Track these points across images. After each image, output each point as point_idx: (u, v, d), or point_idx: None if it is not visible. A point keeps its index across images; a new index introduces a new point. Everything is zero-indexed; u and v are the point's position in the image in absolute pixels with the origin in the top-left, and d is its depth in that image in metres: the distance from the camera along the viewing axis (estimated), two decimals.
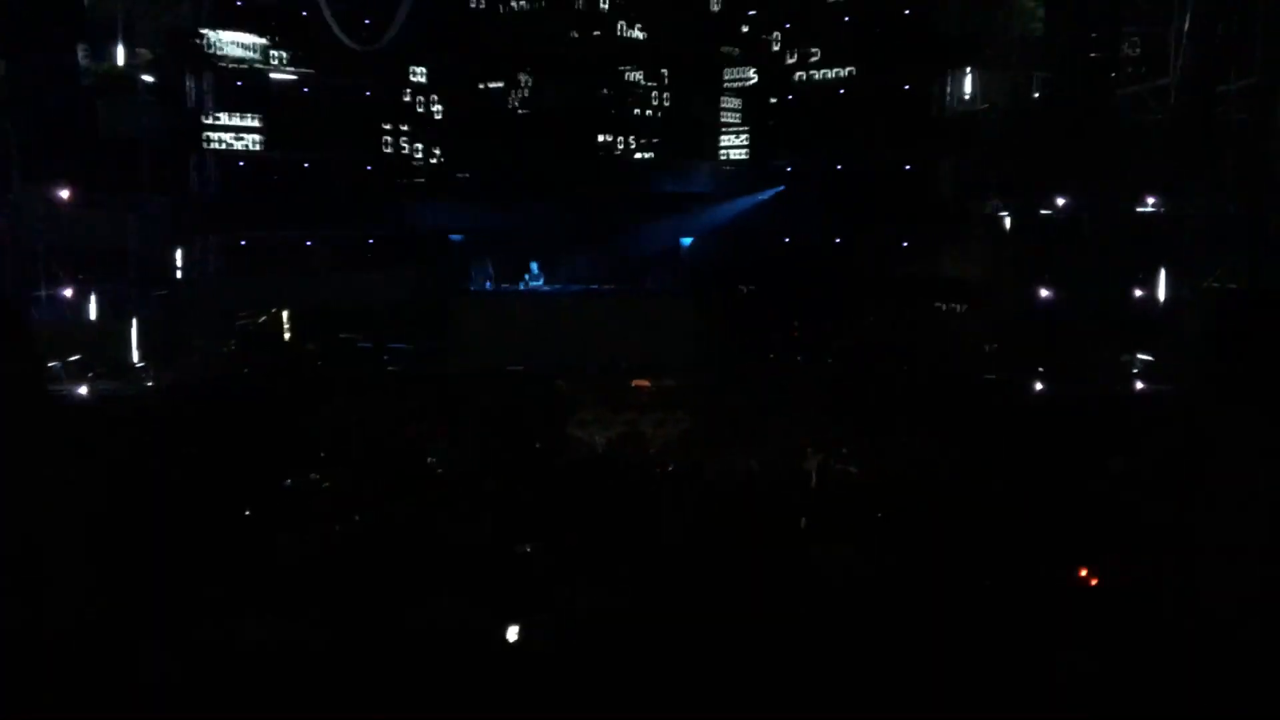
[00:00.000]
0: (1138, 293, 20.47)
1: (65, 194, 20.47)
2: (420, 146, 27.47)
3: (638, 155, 27.70)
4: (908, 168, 25.99)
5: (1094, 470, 13.16)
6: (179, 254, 23.10)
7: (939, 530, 9.51)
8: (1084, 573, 7.55)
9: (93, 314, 21.20)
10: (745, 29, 27.96)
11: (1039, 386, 19.76)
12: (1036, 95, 22.16)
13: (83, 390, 18.94)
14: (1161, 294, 19.96)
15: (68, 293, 21.02)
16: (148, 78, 22.86)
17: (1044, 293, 21.53)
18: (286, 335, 24.37)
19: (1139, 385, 18.30)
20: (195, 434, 16.43)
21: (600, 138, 27.58)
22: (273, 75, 25.80)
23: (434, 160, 27.59)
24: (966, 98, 23.76)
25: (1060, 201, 21.31)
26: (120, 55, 22.08)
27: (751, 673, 6.25)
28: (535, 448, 17.69)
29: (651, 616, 7.45)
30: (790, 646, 6.59)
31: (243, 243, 25.07)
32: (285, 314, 24.63)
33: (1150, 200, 20.03)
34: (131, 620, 7.28)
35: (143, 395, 19.32)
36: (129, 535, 9.67)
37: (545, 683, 6.58)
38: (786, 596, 7.78)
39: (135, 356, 21.08)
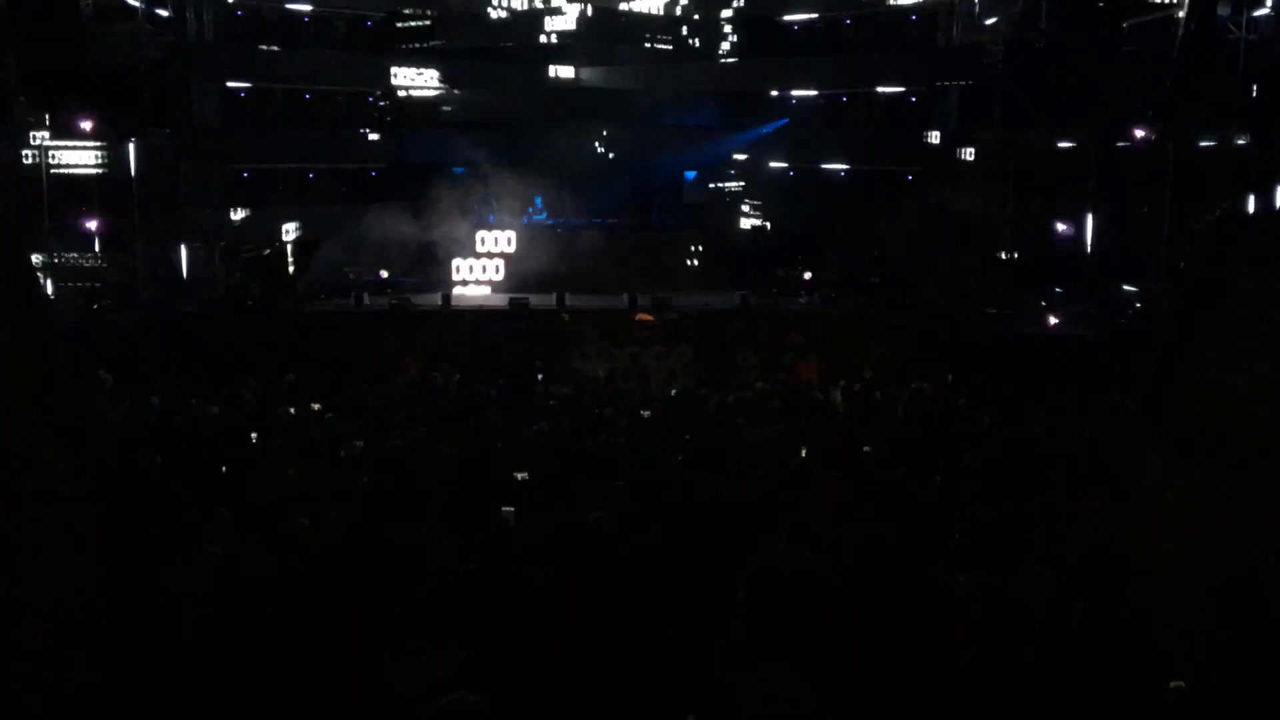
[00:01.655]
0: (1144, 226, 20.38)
1: (67, 124, 20.44)
2: (422, 77, 27.23)
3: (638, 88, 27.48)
4: (913, 100, 25.75)
5: (1088, 404, 13.28)
6: (180, 186, 23.02)
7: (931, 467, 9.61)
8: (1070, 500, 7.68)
9: (96, 246, 21.24)
10: None
11: (1040, 321, 19.77)
12: (1043, 26, 21.83)
13: (87, 321, 19.08)
14: (1167, 227, 19.86)
15: (73, 224, 21.06)
16: (148, 7, 22.64)
17: (1050, 227, 21.43)
18: (290, 268, 24.39)
19: (1136, 320, 18.32)
20: (199, 364, 16.62)
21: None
22: (273, 5, 25.57)
23: (436, 91, 27.37)
24: (973, 27, 23.42)
25: (1066, 133, 21.11)
26: None
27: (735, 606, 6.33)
28: (538, 379, 17.88)
29: (642, 543, 7.57)
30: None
31: (244, 175, 25.02)
32: (289, 246, 24.62)
33: (1157, 132, 19.83)
34: (134, 543, 7.46)
35: (148, 325, 19.43)
36: (132, 460, 9.85)
37: (536, 606, 6.72)
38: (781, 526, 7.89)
39: (140, 288, 21.15)
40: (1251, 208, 18.21)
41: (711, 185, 28.03)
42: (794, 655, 5.26)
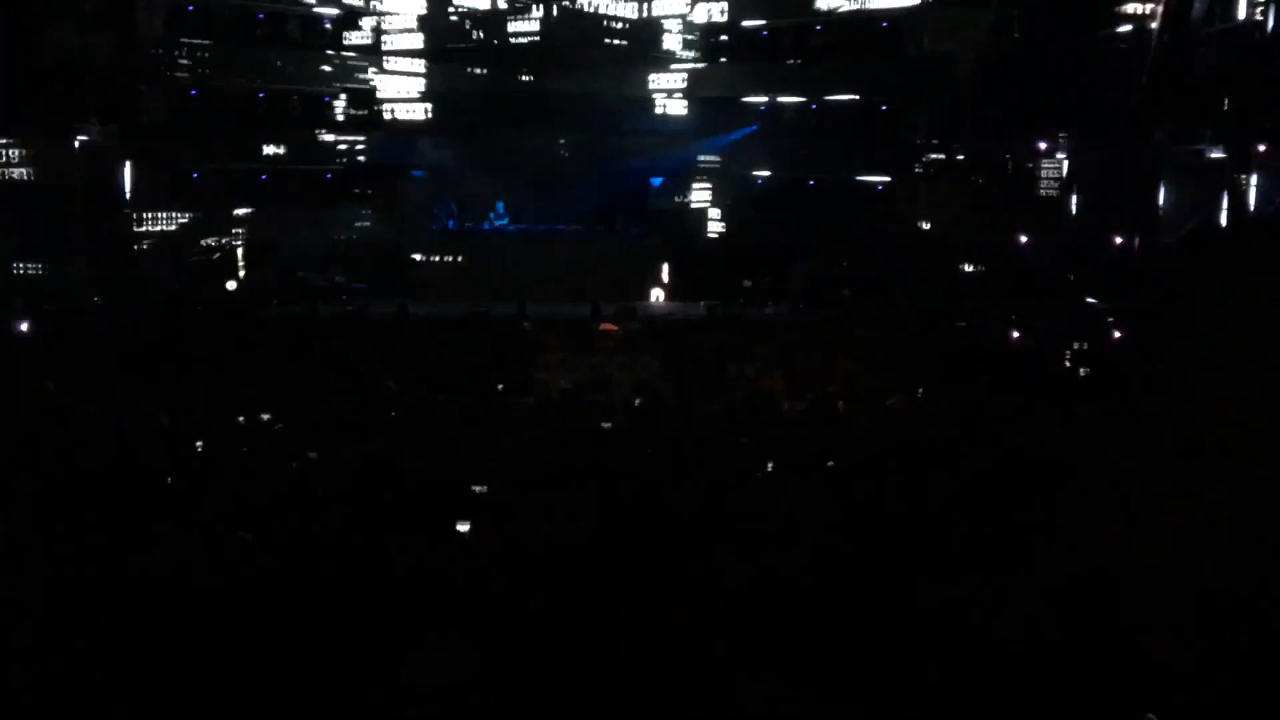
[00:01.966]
0: (1114, 239, 20.72)
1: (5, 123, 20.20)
2: (380, 78, 27.13)
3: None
4: (884, 108, 25.99)
5: (1063, 416, 13.46)
6: (127, 187, 22.79)
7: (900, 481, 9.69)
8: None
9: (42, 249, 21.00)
10: None
11: (1006, 334, 20.03)
12: (1016, 35, 22.19)
13: (29, 325, 18.83)
14: (1139, 239, 20.21)
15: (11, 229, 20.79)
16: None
17: (1017, 239, 21.74)
18: (240, 272, 24.22)
19: (1105, 334, 18.61)
20: (144, 370, 16.44)
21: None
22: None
23: (395, 92, 27.27)
24: (943, 36, 23.74)
25: (1039, 145, 21.44)
26: None
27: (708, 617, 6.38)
28: (498, 389, 17.87)
29: (609, 555, 7.60)
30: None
31: (194, 175, 24.76)
32: (239, 250, 24.46)
33: (1128, 144, 20.19)
34: (78, 556, 7.38)
35: (92, 331, 19.21)
36: (75, 470, 9.74)
37: (502, 624, 6.73)
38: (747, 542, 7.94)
39: (85, 293, 20.92)
40: (1224, 219, 18.55)
41: (678, 193, 28.14)
42: (773, 667, 5.33)
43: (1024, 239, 21.84)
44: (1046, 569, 6.67)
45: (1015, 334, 19.89)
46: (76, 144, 21.04)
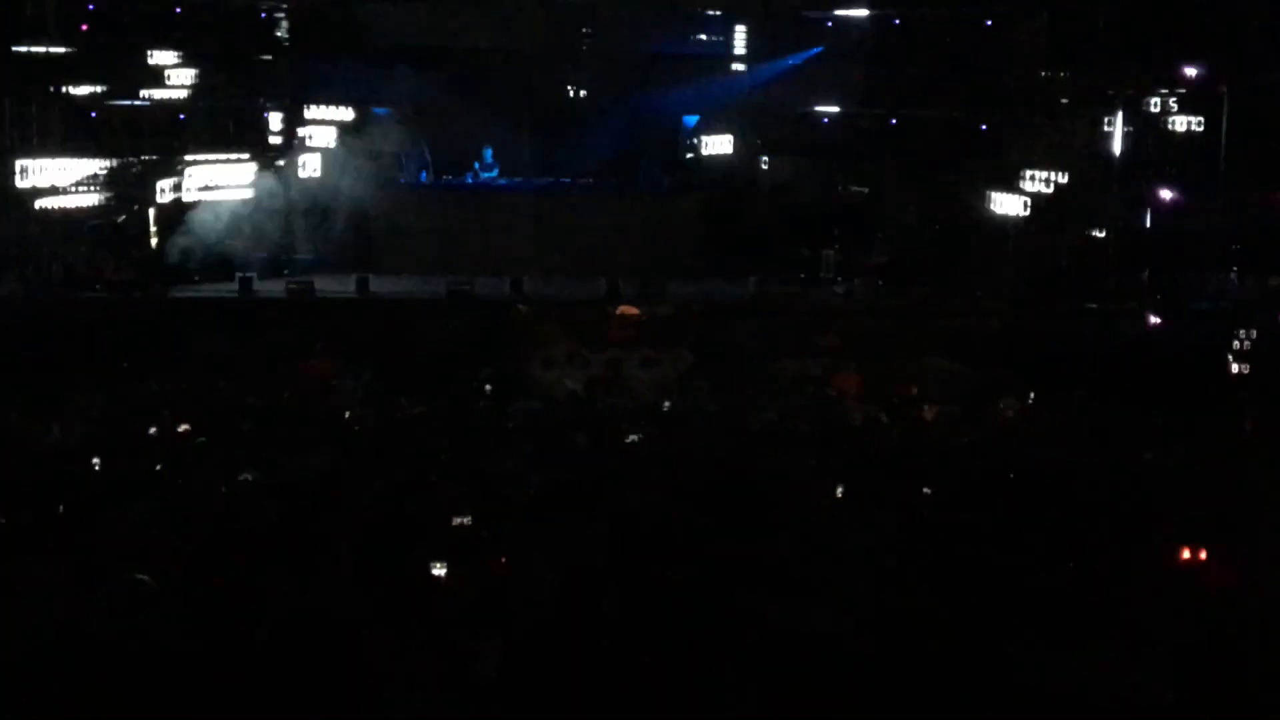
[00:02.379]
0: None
1: None
2: None
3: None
4: (988, 23, 25.87)
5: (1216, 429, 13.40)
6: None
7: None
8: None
9: None
10: None
11: (1147, 319, 19.93)
12: None
13: None
14: None
15: None
16: None
17: (1159, 195, 21.61)
18: (153, 240, 24.37)
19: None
20: (28, 366, 16.60)
21: None
22: None
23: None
24: None
25: (1189, 74, 21.30)
26: None
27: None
28: (485, 391, 17.97)
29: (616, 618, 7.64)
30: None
31: (93, 113, 24.92)
32: (151, 213, 24.59)
33: None
34: None
35: None
36: None
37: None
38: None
39: None
40: None
41: (720, 135, 28.12)
42: None
43: (1168, 195, 21.69)
44: (1187, 635, 6.65)
45: (1158, 320, 19.79)
46: None
